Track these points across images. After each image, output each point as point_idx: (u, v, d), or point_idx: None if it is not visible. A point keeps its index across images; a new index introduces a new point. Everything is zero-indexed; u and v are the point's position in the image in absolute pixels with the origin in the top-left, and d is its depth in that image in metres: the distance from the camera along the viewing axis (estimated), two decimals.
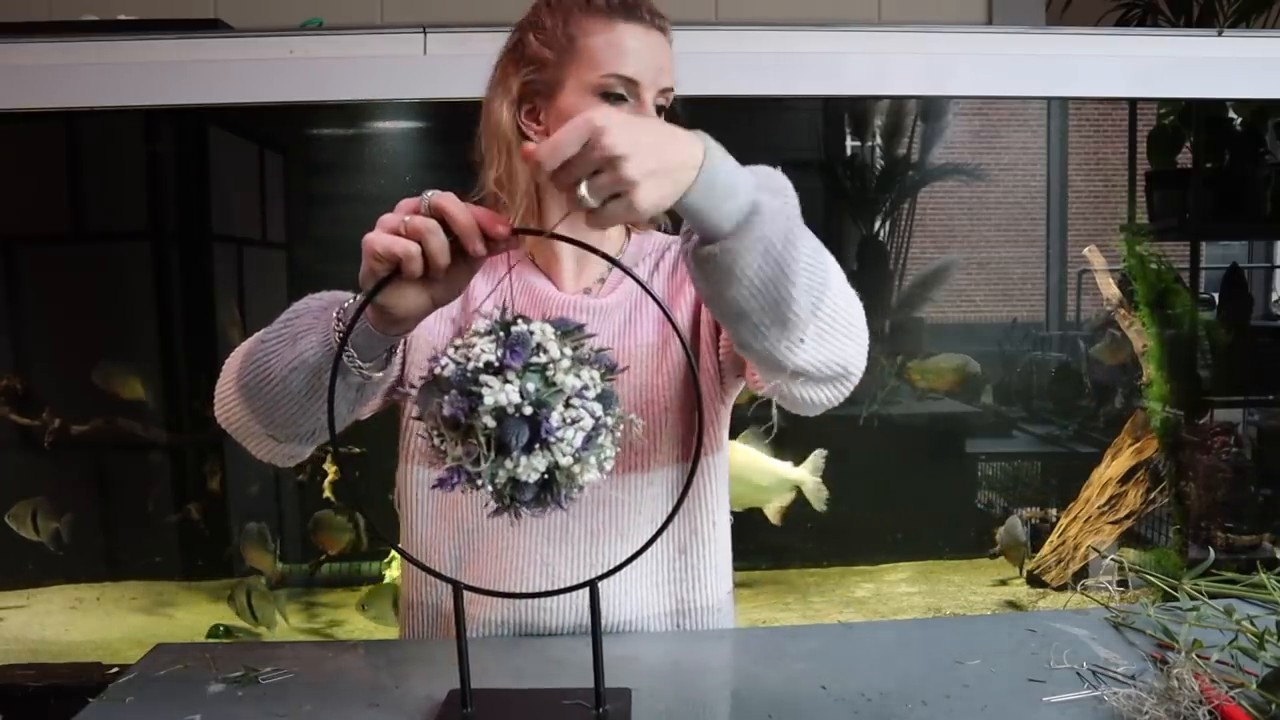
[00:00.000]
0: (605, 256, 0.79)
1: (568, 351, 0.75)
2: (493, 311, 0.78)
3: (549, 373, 0.74)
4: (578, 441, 0.75)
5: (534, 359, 0.74)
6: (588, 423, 0.75)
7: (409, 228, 0.78)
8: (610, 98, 1.01)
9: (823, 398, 0.90)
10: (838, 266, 0.86)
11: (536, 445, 0.74)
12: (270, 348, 0.91)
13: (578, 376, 0.75)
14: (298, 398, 0.90)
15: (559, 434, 0.74)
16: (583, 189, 0.71)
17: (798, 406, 0.91)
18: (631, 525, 1.06)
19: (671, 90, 1.05)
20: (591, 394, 0.75)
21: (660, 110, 1.04)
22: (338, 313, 0.89)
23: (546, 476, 0.75)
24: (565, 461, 0.75)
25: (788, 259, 0.78)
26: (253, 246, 2.89)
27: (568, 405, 0.75)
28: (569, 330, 0.77)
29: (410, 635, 1.14)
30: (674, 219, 1.16)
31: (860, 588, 2.91)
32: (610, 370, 0.78)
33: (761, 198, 0.78)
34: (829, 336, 0.84)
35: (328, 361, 0.87)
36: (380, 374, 0.92)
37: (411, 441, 1.10)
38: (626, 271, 0.80)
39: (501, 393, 0.73)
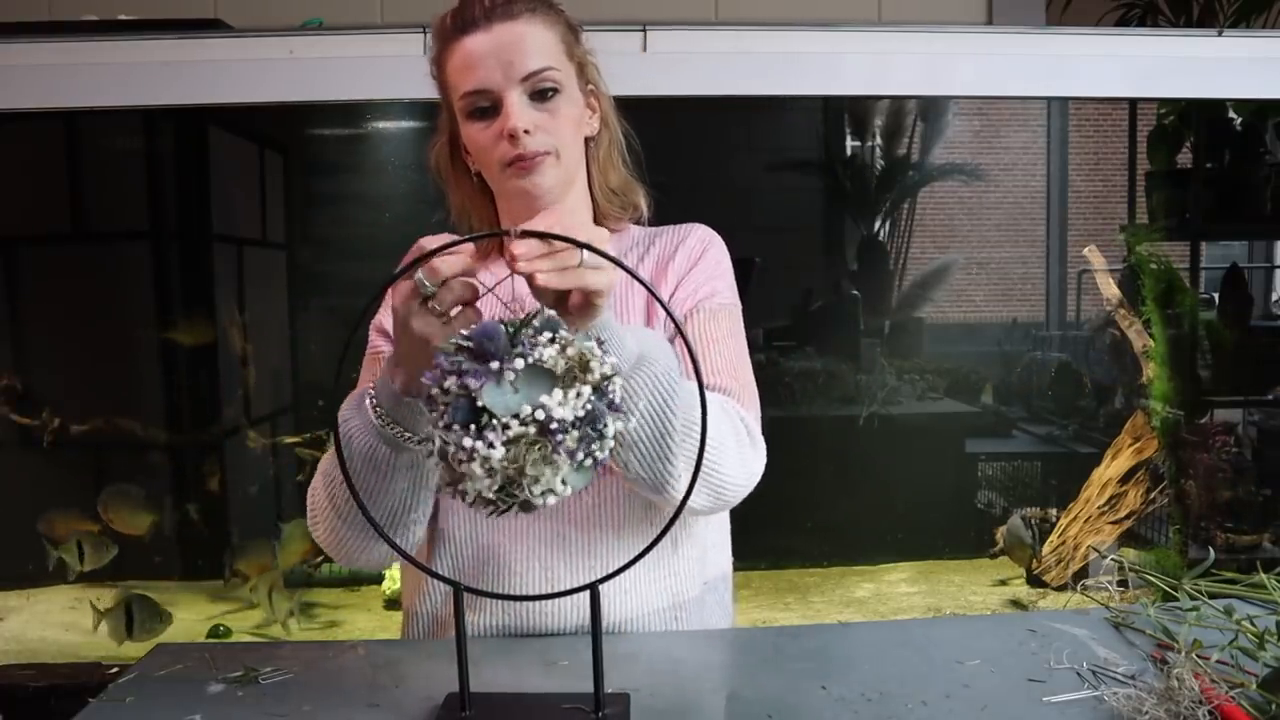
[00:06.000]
0: (596, 250, 0.79)
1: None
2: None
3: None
4: (464, 441, 0.73)
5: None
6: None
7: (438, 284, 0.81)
8: (479, 113, 1.02)
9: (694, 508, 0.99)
10: (721, 419, 0.97)
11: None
12: (336, 463, 0.91)
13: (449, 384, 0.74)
14: (374, 493, 0.94)
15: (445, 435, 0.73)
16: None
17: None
18: (630, 526, 1.06)
19: (545, 70, 1.01)
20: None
21: (548, 93, 1.02)
22: (370, 398, 0.92)
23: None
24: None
25: (671, 397, 0.90)
26: (253, 246, 2.88)
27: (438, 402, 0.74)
28: (521, 324, 0.77)
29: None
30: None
31: (860, 588, 2.91)
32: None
33: (646, 349, 0.90)
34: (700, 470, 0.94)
35: (379, 441, 0.91)
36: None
37: None
38: (617, 263, 0.79)
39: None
